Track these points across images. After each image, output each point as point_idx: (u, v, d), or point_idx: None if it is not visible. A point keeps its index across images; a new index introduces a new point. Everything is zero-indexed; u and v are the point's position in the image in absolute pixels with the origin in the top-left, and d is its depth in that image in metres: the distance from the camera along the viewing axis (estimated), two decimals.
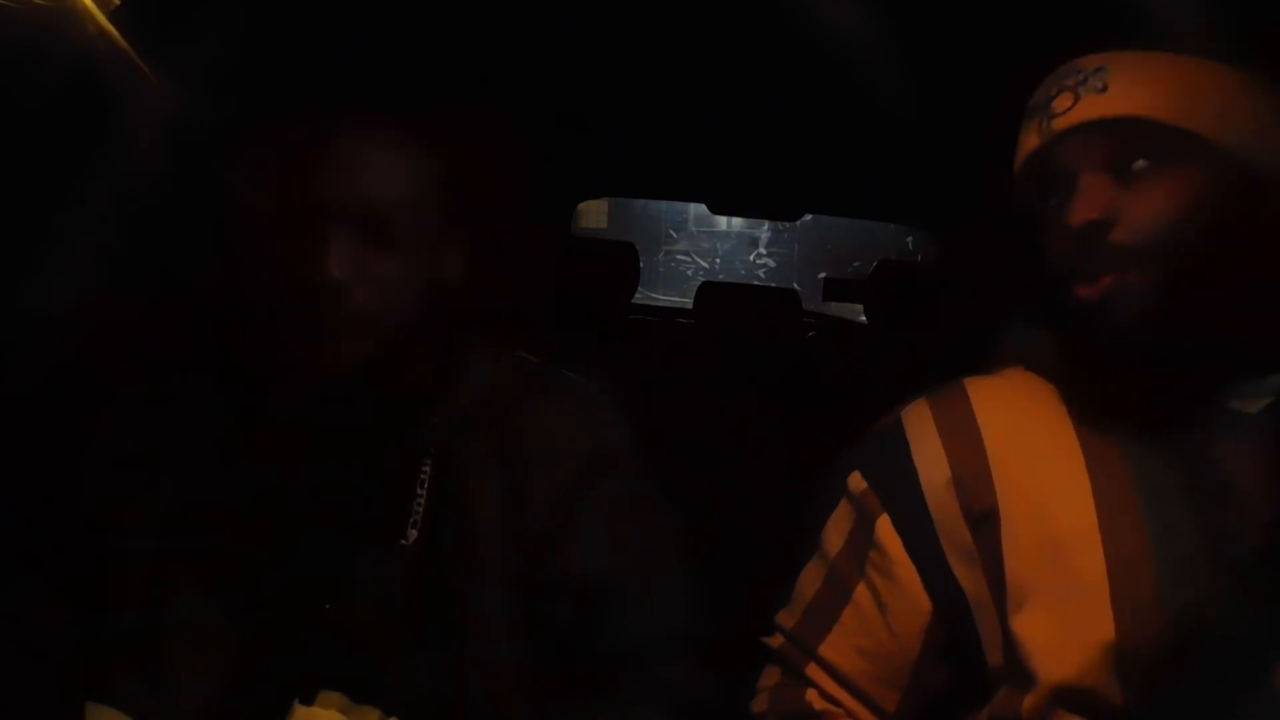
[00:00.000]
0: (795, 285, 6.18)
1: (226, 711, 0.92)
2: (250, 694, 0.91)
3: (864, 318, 3.18)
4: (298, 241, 0.90)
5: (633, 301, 2.95)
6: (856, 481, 0.95)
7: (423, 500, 0.97)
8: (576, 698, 0.98)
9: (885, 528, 0.92)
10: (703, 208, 4.11)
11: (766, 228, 8.03)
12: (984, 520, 0.87)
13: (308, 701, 0.86)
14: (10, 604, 0.97)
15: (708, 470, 2.02)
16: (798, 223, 6.72)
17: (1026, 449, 0.89)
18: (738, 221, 7.92)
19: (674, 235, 8.13)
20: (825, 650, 0.94)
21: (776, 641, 0.98)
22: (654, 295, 7.21)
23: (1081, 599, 0.82)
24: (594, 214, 7.28)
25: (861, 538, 0.93)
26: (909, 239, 6.64)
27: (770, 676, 0.98)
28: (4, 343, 1.10)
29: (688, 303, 3.26)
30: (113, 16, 1.09)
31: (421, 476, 0.97)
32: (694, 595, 1.04)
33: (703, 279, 4.72)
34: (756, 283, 6.71)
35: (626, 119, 2.19)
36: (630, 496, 1.02)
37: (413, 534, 0.96)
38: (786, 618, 0.97)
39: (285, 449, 0.96)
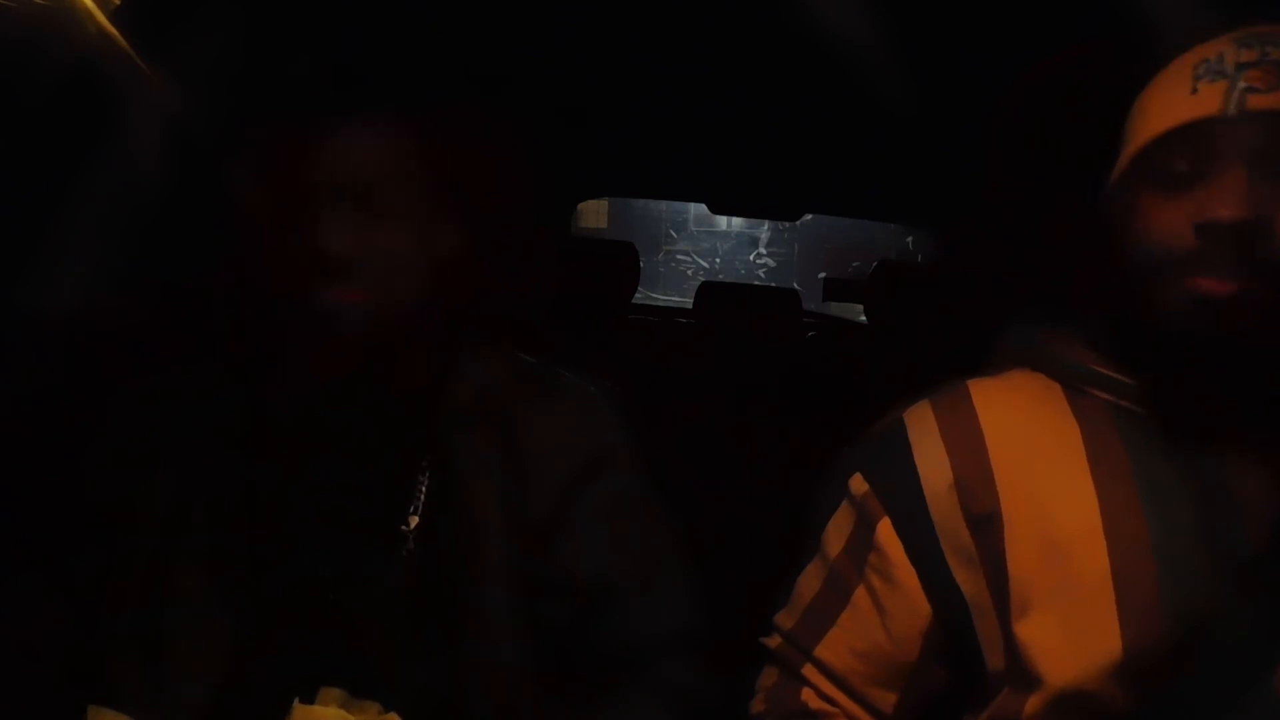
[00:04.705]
0: (795, 285, 6.18)
1: (227, 710, 0.92)
2: (250, 693, 0.91)
3: (864, 318, 3.18)
4: (294, 225, 0.90)
5: (633, 301, 2.95)
6: (858, 483, 0.94)
7: (422, 498, 0.97)
8: (577, 697, 0.98)
9: (886, 531, 0.91)
10: (703, 208, 4.10)
11: (766, 228, 8.02)
12: (986, 523, 0.87)
13: (308, 700, 0.86)
14: (10, 604, 0.97)
15: (708, 470, 2.02)
16: (798, 223, 6.72)
17: (1029, 451, 0.88)
18: (738, 221, 7.91)
19: (674, 235, 8.13)
20: (821, 651, 0.93)
21: (774, 642, 0.97)
22: (654, 295, 7.20)
23: (1086, 602, 0.82)
24: (594, 214, 7.28)
25: (862, 540, 0.93)
26: (909, 239, 6.63)
27: (768, 677, 0.98)
28: (4, 342, 1.10)
29: (688, 303, 3.26)
30: (113, 16, 1.09)
31: (421, 475, 0.97)
32: (694, 594, 1.04)
33: (703, 279, 4.72)
34: (756, 283, 6.71)
35: (626, 119, 2.19)
36: (629, 495, 1.02)
37: (413, 521, 0.96)
38: (785, 619, 0.97)
39: (285, 447, 0.96)
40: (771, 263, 8.05)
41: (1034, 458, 0.88)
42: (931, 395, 0.95)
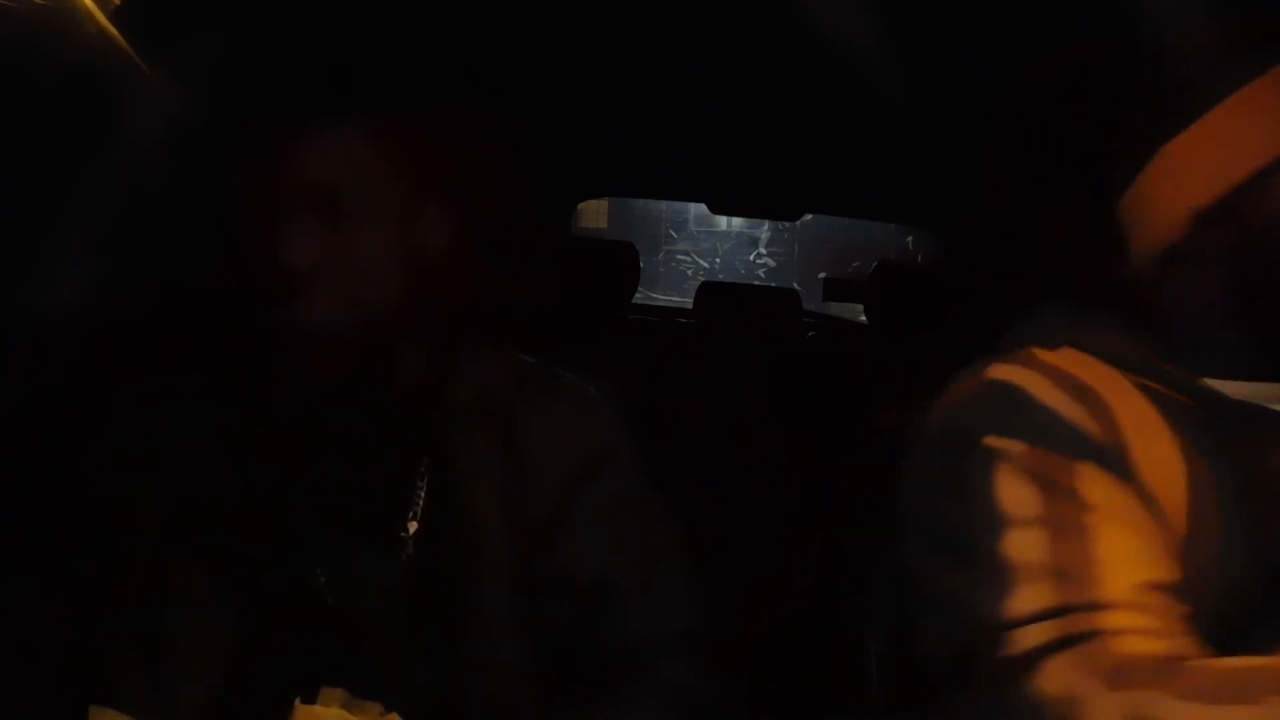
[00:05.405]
0: (795, 285, 6.18)
1: (228, 710, 0.92)
2: (251, 693, 0.91)
3: (864, 318, 3.18)
4: (263, 233, 0.90)
5: (633, 301, 2.95)
6: (1002, 442, 0.81)
7: (422, 497, 0.97)
8: (577, 697, 0.98)
9: (1087, 470, 0.79)
10: (703, 208, 4.11)
11: (766, 228, 8.02)
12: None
13: (309, 700, 0.86)
14: (10, 604, 0.97)
15: (708, 470, 2.03)
16: (798, 223, 6.72)
17: (1127, 417, 0.82)
18: (738, 221, 7.91)
19: (674, 235, 8.13)
20: (1102, 591, 0.74)
21: (1037, 634, 0.73)
22: (654, 295, 7.20)
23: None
24: (594, 214, 7.28)
25: (1063, 475, 0.79)
26: (909, 239, 6.63)
27: (1054, 673, 0.72)
28: (4, 342, 1.10)
29: (688, 303, 3.27)
30: (113, 16, 1.09)
31: (421, 474, 0.98)
32: (694, 594, 1.04)
33: (703, 279, 4.72)
34: (756, 283, 6.71)
35: (626, 119, 2.19)
36: (629, 495, 1.02)
37: (412, 526, 0.96)
38: (1026, 602, 0.74)
39: (285, 447, 0.96)
40: (771, 263, 8.06)
41: (1131, 425, 0.82)
42: (1001, 358, 0.86)
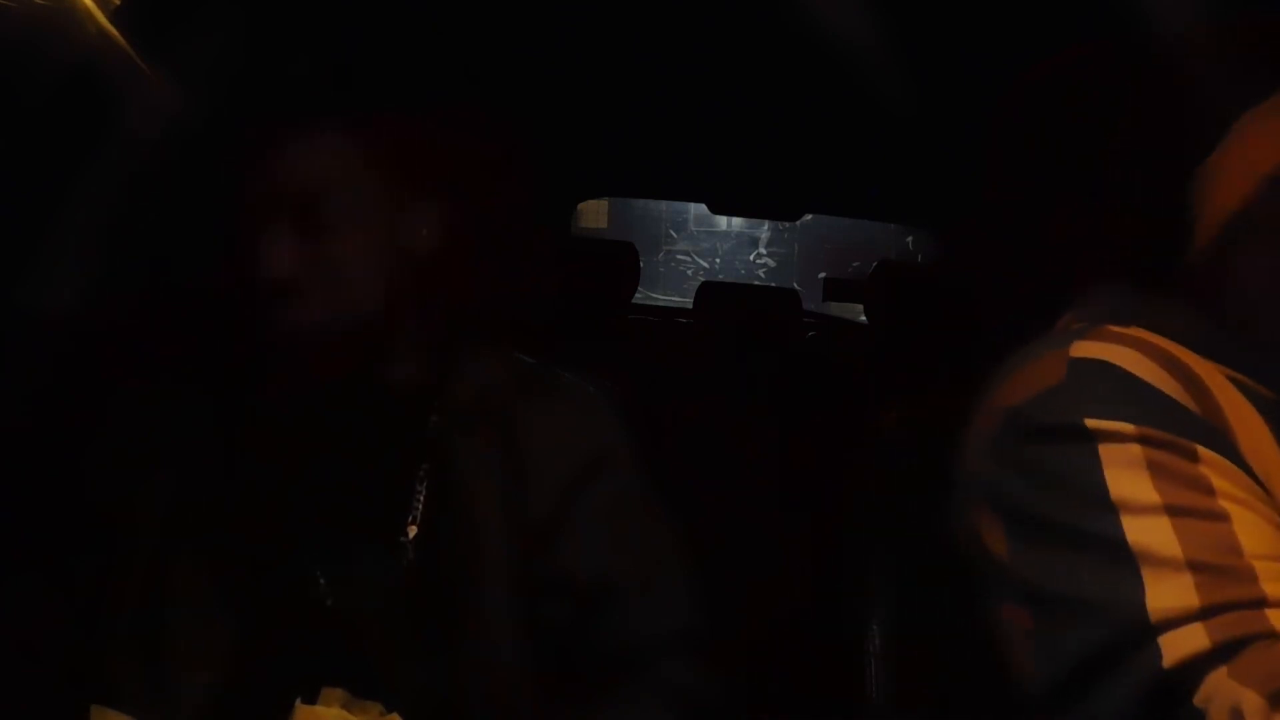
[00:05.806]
0: (795, 285, 6.18)
1: (228, 710, 0.92)
2: (251, 693, 0.91)
3: (864, 318, 3.18)
4: (248, 243, 0.91)
5: (633, 301, 2.95)
6: (1107, 425, 0.73)
7: (421, 498, 0.97)
8: (577, 697, 0.98)
9: (1206, 453, 0.72)
10: (703, 208, 4.11)
11: (766, 228, 8.02)
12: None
13: (309, 700, 0.87)
14: (10, 604, 0.97)
15: (707, 470, 2.03)
16: (798, 223, 6.72)
17: (1220, 396, 0.77)
18: (738, 221, 7.90)
19: (674, 235, 8.12)
20: (1262, 589, 0.65)
21: (1189, 642, 0.65)
22: (654, 295, 7.19)
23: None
24: (594, 214, 7.27)
25: (1182, 458, 0.71)
26: (909, 239, 6.63)
27: (1218, 688, 0.63)
28: (4, 342, 1.10)
29: (688, 303, 3.27)
30: (113, 16, 1.09)
31: (420, 474, 0.98)
32: (694, 594, 1.04)
33: (703, 279, 4.72)
34: (756, 283, 6.71)
35: (626, 119, 2.19)
36: (629, 495, 1.02)
37: (412, 530, 0.96)
38: (1166, 602, 0.66)
39: (285, 448, 0.96)
40: (771, 263, 8.05)
41: (1228, 406, 0.76)
42: (1088, 336, 0.78)
